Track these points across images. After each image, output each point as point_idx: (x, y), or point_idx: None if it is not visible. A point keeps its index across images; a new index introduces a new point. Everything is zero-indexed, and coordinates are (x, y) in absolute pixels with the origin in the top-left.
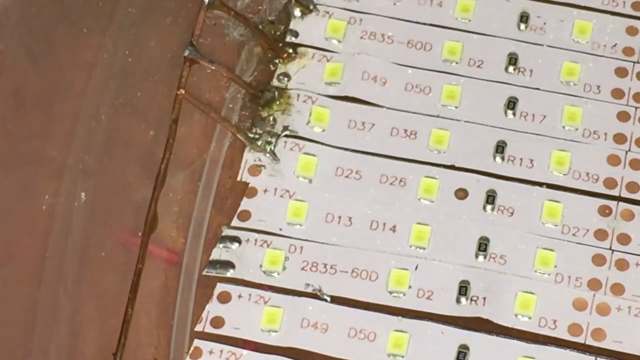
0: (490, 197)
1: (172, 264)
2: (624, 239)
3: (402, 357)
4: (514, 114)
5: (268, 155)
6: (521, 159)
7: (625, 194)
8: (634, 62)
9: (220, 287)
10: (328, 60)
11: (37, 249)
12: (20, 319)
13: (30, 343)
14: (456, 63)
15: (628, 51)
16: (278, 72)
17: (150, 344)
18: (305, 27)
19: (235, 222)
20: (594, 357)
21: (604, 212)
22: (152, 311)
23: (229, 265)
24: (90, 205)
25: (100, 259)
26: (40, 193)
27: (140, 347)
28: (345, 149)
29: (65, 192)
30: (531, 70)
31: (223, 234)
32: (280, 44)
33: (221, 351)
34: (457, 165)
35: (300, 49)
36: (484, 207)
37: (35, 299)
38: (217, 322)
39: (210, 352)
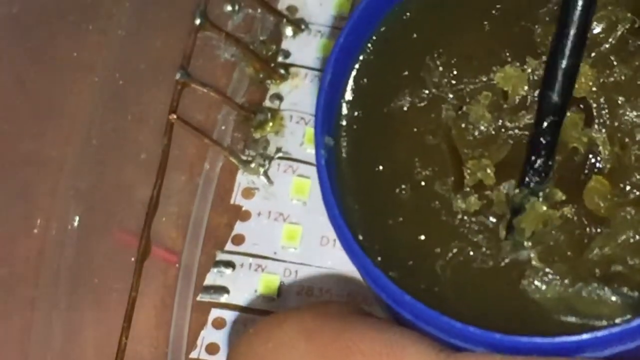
0: None
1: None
2: None
3: None
4: None
5: (262, 177)
6: None
7: None
8: None
9: (214, 313)
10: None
11: (34, 249)
12: (17, 319)
13: (28, 344)
14: None
15: None
16: (270, 93)
17: (150, 344)
18: (297, 47)
19: (229, 246)
20: None
21: None
22: (151, 311)
23: (223, 290)
24: (89, 206)
25: (100, 259)
26: (39, 193)
27: (139, 346)
28: None
29: (62, 194)
30: None
31: (217, 258)
32: (272, 64)
33: None
34: None
35: (292, 69)
36: None
37: (33, 299)
38: (212, 348)
39: None
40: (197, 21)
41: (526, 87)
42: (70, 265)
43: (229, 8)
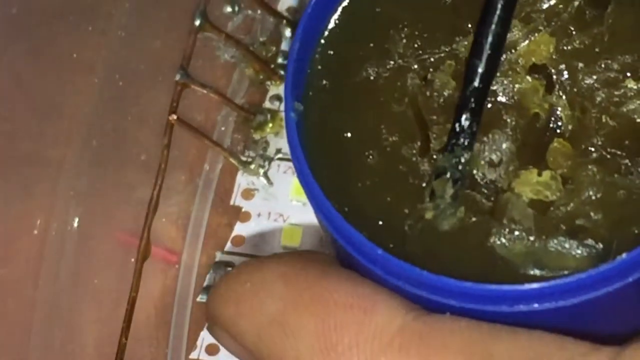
0: None
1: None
2: None
3: None
4: None
5: (261, 178)
6: None
7: None
8: None
9: None
10: None
11: (34, 249)
12: (17, 319)
13: (28, 345)
14: None
15: None
16: (270, 94)
17: (150, 344)
18: None
19: (228, 247)
20: None
21: None
22: (151, 311)
23: None
24: (89, 206)
25: (100, 259)
26: (39, 193)
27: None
28: None
29: (62, 194)
30: None
31: (216, 259)
32: (272, 66)
33: None
34: None
35: None
36: None
37: (33, 299)
38: (212, 349)
39: None
40: (197, 22)
41: None
42: (70, 265)
43: (229, 9)
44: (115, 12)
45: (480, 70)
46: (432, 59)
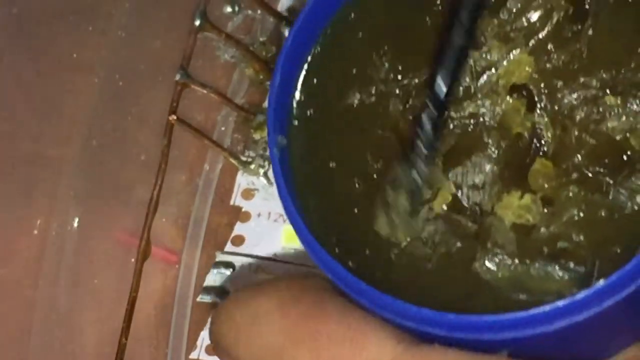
0: None
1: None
2: None
3: None
4: None
5: (261, 178)
6: None
7: None
8: None
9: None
10: None
11: (34, 249)
12: (17, 319)
13: (27, 345)
14: None
15: None
16: None
17: (150, 344)
18: None
19: (228, 247)
20: None
21: None
22: (151, 311)
23: (223, 291)
24: (89, 206)
25: (100, 259)
26: (39, 193)
27: (139, 346)
28: None
29: (62, 194)
30: None
31: (217, 259)
32: (272, 66)
33: None
34: None
35: None
36: None
37: (33, 299)
38: (212, 349)
39: None
40: (197, 22)
41: (468, 78)
42: (70, 265)
43: (229, 9)
44: (115, 12)
45: (440, 80)
46: (413, 83)
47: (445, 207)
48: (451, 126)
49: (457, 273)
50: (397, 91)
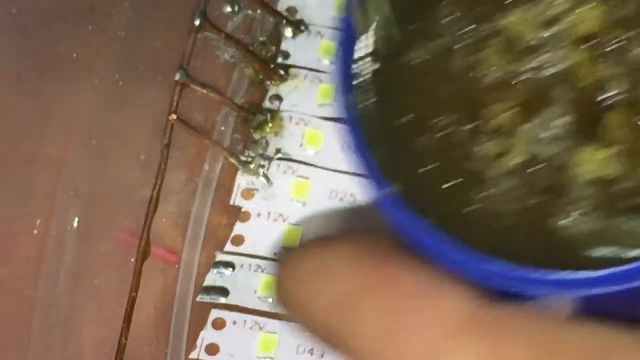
0: None
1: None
2: None
3: None
4: None
5: (261, 178)
6: None
7: None
8: None
9: (214, 314)
10: (320, 82)
11: (34, 249)
12: (17, 319)
13: (27, 345)
14: None
15: None
16: (270, 94)
17: (150, 344)
18: (297, 48)
19: (228, 247)
20: None
21: None
22: (151, 311)
23: (223, 291)
24: (89, 206)
25: (100, 259)
26: (39, 193)
27: (139, 346)
28: (339, 172)
29: (62, 194)
30: None
31: (217, 259)
32: (272, 66)
33: None
34: None
35: (292, 70)
36: None
37: (33, 299)
38: (212, 349)
39: None
40: (197, 22)
41: (534, 30)
42: (70, 265)
43: (229, 9)
44: (115, 12)
45: None
46: (478, 37)
47: (518, 163)
48: (519, 80)
49: (534, 230)
50: (461, 45)
